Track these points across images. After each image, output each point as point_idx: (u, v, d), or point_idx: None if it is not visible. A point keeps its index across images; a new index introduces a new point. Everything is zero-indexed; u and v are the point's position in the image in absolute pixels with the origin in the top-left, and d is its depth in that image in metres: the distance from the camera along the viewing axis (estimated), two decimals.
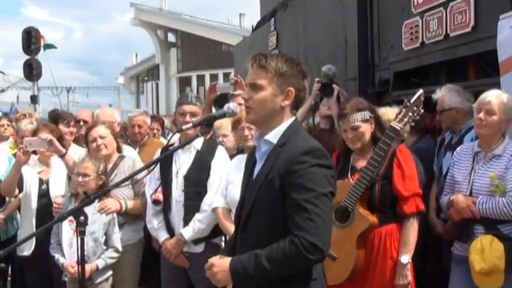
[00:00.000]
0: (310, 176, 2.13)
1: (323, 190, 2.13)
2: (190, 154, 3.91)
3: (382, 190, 3.21)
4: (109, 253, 3.93)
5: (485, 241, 3.21)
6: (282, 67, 2.26)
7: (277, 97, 2.26)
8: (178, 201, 3.87)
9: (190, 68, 40.55)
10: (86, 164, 3.97)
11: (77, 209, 2.56)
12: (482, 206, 3.28)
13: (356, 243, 3.20)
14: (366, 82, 6.34)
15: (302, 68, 2.31)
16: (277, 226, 2.16)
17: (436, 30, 4.94)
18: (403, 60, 5.61)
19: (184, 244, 3.84)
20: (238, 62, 11.91)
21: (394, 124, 3.29)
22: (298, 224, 2.09)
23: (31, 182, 4.41)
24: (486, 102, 3.39)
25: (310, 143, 2.22)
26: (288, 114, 2.30)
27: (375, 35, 6.21)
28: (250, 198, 2.29)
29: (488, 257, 3.16)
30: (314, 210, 2.09)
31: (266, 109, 2.28)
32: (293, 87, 2.26)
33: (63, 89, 42.21)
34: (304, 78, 2.31)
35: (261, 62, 2.27)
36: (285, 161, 2.18)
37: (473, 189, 3.39)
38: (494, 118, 3.36)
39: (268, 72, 2.26)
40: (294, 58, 2.34)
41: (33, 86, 15.11)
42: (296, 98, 2.28)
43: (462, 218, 3.39)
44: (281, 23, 9.08)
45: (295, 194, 2.12)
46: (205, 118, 2.53)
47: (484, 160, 3.42)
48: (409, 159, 3.28)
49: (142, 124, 5.42)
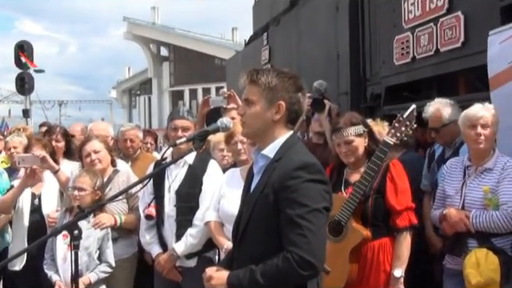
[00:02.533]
0: (303, 191, 2.13)
1: (317, 206, 2.13)
2: (182, 168, 3.91)
3: (375, 204, 3.23)
4: (102, 267, 3.91)
5: (480, 254, 3.22)
6: (272, 81, 2.26)
7: (267, 111, 2.26)
8: (170, 216, 3.86)
9: (182, 82, 40.63)
10: (83, 178, 3.97)
11: (71, 223, 2.55)
12: (476, 220, 3.29)
13: (349, 257, 3.21)
14: (358, 97, 6.37)
15: (295, 81, 2.30)
16: (272, 241, 2.17)
17: (427, 45, 4.98)
18: (395, 74, 5.64)
19: (177, 259, 3.84)
20: (230, 76, 11.95)
21: (387, 139, 3.31)
22: (291, 239, 2.10)
23: (24, 196, 4.37)
24: (479, 116, 3.39)
25: (304, 158, 2.22)
26: (282, 128, 2.29)
27: (367, 50, 6.25)
28: (247, 212, 2.30)
29: (484, 270, 3.17)
30: (306, 226, 2.09)
31: (258, 123, 2.29)
32: (283, 101, 2.26)
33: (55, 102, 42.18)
34: (298, 91, 2.30)
35: (252, 77, 2.30)
36: (279, 176, 2.18)
37: (465, 203, 3.41)
38: (490, 131, 3.39)
39: (259, 87, 2.28)
40: (289, 72, 2.34)
41: (25, 99, 15.09)
42: (288, 111, 2.27)
43: (455, 232, 3.41)
44: (273, 38, 9.14)
45: (288, 210, 2.12)
46: (198, 133, 2.52)
47: (475, 174, 3.44)
48: (402, 173, 3.31)
49: (134, 138, 5.41)
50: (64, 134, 5.15)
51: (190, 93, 40.07)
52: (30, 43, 13.64)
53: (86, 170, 4.15)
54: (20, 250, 3.20)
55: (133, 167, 4.98)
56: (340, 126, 3.37)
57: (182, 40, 39.89)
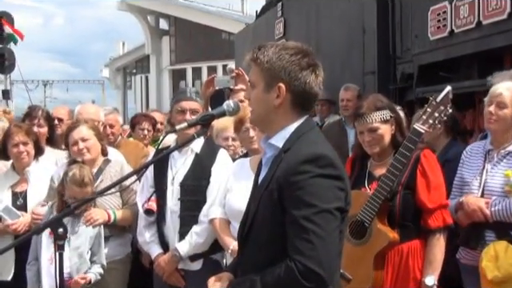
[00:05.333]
0: (310, 188, 2.07)
1: (326, 206, 2.07)
2: (188, 158, 3.92)
3: (403, 202, 3.22)
4: (97, 268, 3.93)
5: (499, 247, 3.27)
6: (271, 59, 2.21)
7: (268, 94, 2.22)
8: (173, 211, 3.88)
9: (184, 59, 40.55)
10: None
11: (54, 220, 2.54)
12: (496, 208, 3.34)
13: (373, 263, 3.21)
14: (387, 77, 6.37)
15: (300, 57, 2.21)
16: (277, 246, 2.13)
17: (467, 17, 4.96)
18: (429, 51, 5.63)
19: (179, 260, 3.86)
20: (239, 53, 11.92)
21: (417, 126, 3.28)
22: (295, 246, 2.05)
23: (2, 198, 4.33)
24: (496, 94, 3.46)
25: (315, 149, 2.15)
26: (289, 113, 2.24)
27: (397, 23, 6.23)
28: (252, 210, 2.28)
29: (503, 264, 3.21)
30: (313, 230, 2.03)
31: (260, 108, 2.27)
32: (282, 82, 2.19)
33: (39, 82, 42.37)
34: (304, 69, 2.20)
35: (254, 54, 2.26)
36: (285, 170, 2.13)
37: (485, 190, 3.46)
38: (506, 112, 3.43)
39: (258, 66, 2.25)
40: (295, 47, 2.25)
41: (5, 79, 15.15)
42: (293, 94, 2.20)
43: (471, 222, 3.45)
44: (289, 9, 9.10)
45: (293, 210, 2.07)
46: (202, 117, 2.48)
47: (497, 158, 3.48)
48: (435, 166, 3.29)
49: (114, 123, 5.48)
50: (47, 117, 5.14)
51: (192, 72, 40.00)
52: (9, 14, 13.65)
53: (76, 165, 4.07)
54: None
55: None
56: (363, 111, 3.34)
57: (185, 11, 39.76)
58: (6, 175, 4.49)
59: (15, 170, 4.50)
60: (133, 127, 6.44)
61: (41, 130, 5.00)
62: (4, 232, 4.23)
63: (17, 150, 4.39)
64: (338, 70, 7.39)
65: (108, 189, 2.53)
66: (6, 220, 4.18)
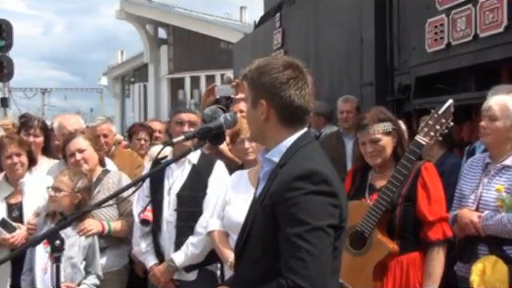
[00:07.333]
0: (303, 205, 2.03)
1: (319, 223, 2.02)
2: (185, 169, 3.92)
3: (403, 214, 3.21)
4: (92, 279, 3.89)
5: (487, 262, 3.27)
6: (254, 75, 2.20)
7: (255, 110, 2.21)
8: (169, 221, 3.87)
9: (182, 68, 40.60)
10: (62, 178, 3.95)
11: (51, 232, 2.52)
12: (487, 223, 3.34)
13: (373, 274, 3.19)
14: (384, 88, 6.37)
15: (281, 71, 2.16)
16: (270, 261, 2.09)
17: (464, 29, 4.96)
18: (426, 63, 5.63)
19: (175, 271, 3.84)
20: (237, 63, 11.94)
21: (419, 138, 3.28)
22: (287, 263, 2.01)
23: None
24: (487, 108, 3.50)
25: (310, 165, 2.11)
26: (281, 129, 2.19)
27: (395, 35, 6.24)
28: (248, 224, 2.26)
29: (489, 280, 3.21)
30: (306, 248, 1.99)
31: (252, 125, 2.29)
32: (264, 98, 2.17)
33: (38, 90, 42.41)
34: (284, 83, 2.15)
35: (244, 71, 2.27)
36: (278, 186, 2.10)
37: (480, 203, 3.45)
38: (497, 124, 3.44)
39: (247, 83, 2.26)
40: (282, 61, 2.21)
41: (3, 86, 15.14)
42: (277, 110, 2.17)
43: (465, 236, 3.44)
44: (287, 19, 9.11)
45: (286, 227, 2.03)
46: (199, 130, 2.47)
47: (493, 172, 3.48)
48: (435, 179, 3.29)
49: (108, 133, 5.44)
50: (43, 127, 5.08)
51: (191, 81, 40.03)
52: (8, 22, 13.61)
53: (68, 168, 4.13)
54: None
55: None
56: (366, 122, 3.35)
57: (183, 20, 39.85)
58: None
59: (8, 181, 4.40)
60: (130, 137, 6.42)
61: (36, 139, 4.95)
62: (1, 245, 4.17)
63: (10, 161, 4.30)
64: (336, 81, 7.40)
65: (105, 201, 2.50)
66: (1, 232, 4.12)
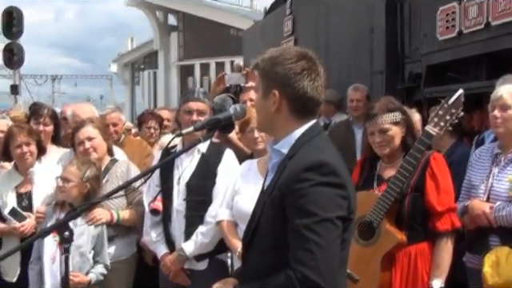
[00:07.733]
0: (312, 197, 2.03)
1: (327, 215, 2.02)
2: (194, 158, 3.91)
3: (412, 204, 3.20)
4: (99, 268, 3.91)
5: (501, 253, 3.25)
6: (266, 65, 2.20)
7: (265, 101, 2.20)
8: (179, 211, 3.88)
9: (192, 55, 40.55)
10: (70, 168, 3.96)
11: (61, 223, 2.53)
12: (499, 213, 3.32)
13: (381, 264, 3.19)
14: (395, 76, 6.34)
15: (294, 62, 2.16)
16: (278, 252, 2.10)
17: (476, 17, 4.92)
18: (437, 51, 5.61)
19: (185, 260, 3.85)
20: (247, 50, 11.91)
21: (429, 128, 3.26)
22: (296, 255, 2.02)
23: (7, 200, 4.28)
24: (497, 97, 3.46)
25: (318, 157, 2.10)
26: (291, 120, 2.19)
27: (406, 22, 6.20)
28: (256, 215, 2.26)
29: (504, 271, 3.19)
30: (314, 239, 1.99)
31: (261, 115, 2.27)
32: (276, 89, 2.17)
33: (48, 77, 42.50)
34: (298, 74, 2.14)
35: (256, 61, 2.26)
36: (287, 177, 2.10)
37: (491, 194, 3.44)
38: (510, 113, 3.41)
39: (258, 73, 2.25)
40: (295, 51, 2.21)
41: (13, 74, 15.18)
42: (289, 100, 2.16)
43: (476, 227, 3.43)
44: (298, 6, 9.07)
45: (295, 218, 2.03)
46: (208, 121, 2.47)
47: (504, 162, 3.46)
48: (444, 169, 3.27)
49: (117, 121, 5.43)
50: (52, 116, 5.10)
51: (201, 68, 39.97)
52: (19, 9, 13.66)
53: (77, 157, 4.14)
54: (6, 252, 3.17)
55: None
56: (375, 112, 3.33)
57: (193, 7, 39.74)
58: (9, 176, 4.43)
59: (18, 170, 4.43)
60: (139, 126, 6.42)
61: (46, 128, 4.97)
62: (11, 234, 4.20)
63: (20, 150, 4.32)
64: (346, 69, 7.37)
65: (115, 192, 2.51)
66: (11, 221, 4.15)
